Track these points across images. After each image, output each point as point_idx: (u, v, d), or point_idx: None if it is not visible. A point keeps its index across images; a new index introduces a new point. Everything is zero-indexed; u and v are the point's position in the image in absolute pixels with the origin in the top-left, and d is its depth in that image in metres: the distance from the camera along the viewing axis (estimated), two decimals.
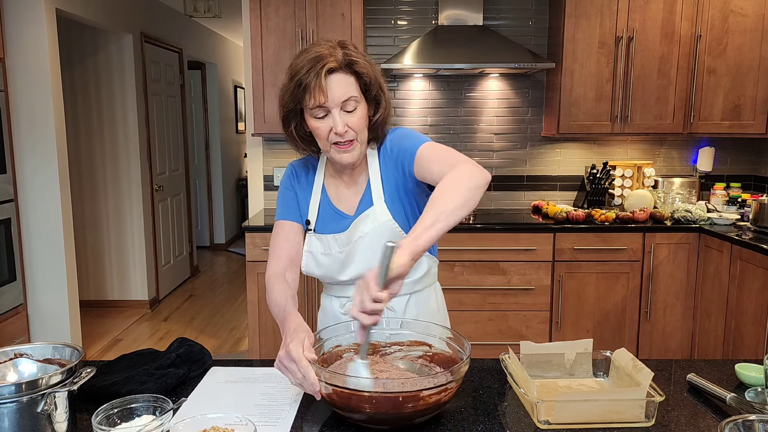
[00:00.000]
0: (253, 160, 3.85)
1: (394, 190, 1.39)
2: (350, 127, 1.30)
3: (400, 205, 1.39)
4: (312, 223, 1.44)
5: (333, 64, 1.25)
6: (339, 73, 1.27)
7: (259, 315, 3.26)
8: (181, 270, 5.72)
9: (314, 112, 1.29)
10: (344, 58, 1.27)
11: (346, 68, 1.27)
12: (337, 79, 1.26)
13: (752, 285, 2.81)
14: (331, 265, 1.42)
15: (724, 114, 3.43)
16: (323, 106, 1.27)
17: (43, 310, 3.66)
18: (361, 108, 1.31)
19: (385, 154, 1.41)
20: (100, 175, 4.81)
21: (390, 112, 1.38)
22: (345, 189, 1.44)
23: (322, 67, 1.24)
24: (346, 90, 1.27)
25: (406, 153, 1.35)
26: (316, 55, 1.25)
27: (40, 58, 3.46)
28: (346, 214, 1.42)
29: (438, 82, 3.78)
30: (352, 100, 1.28)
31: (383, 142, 1.41)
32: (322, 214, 1.44)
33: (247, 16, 3.53)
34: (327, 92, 1.25)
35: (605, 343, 3.28)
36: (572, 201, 3.87)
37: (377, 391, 1.06)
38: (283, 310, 1.32)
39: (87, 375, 1.09)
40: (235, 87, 7.76)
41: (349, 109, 1.29)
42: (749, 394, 1.20)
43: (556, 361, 1.34)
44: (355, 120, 1.30)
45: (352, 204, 1.43)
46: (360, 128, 1.32)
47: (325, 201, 1.45)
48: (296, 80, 1.27)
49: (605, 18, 3.37)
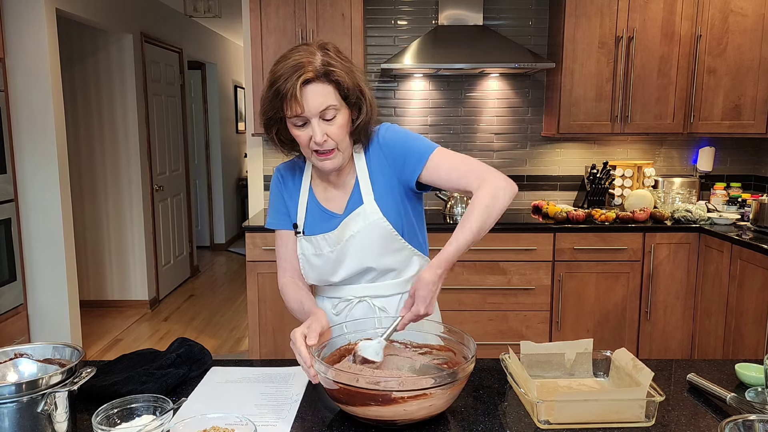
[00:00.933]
0: (253, 160, 3.85)
1: (384, 187, 1.39)
2: (329, 137, 1.29)
3: (391, 202, 1.39)
4: (300, 226, 1.44)
5: (310, 74, 1.23)
6: (316, 83, 1.24)
7: (259, 315, 3.26)
8: (181, 270, 5.72)
9: (294, 121, 1.29)
10: (322, 66, 1.24)
11: (323, 77, 1.24)
12: (315, 89, 1.24)
13: (752, 285, 2.81)
14: (324, 266, 1.42)
15: (724, 114, 3.43)
16: (301, 116, 1.27)
17: (43, 310, 3.66)
18: (341, 115, 1.29)
19: (376, 151, 1.40)
20: (100, 175, 4.81)
21: (373, 115, 1.36)
22: (333, 189, 1.43)
23: (298, 78, 1.22)
24: (324, 100, 1.26)
25: (411, 157, 1.35)
26: (294, 64, 1.24)
27: (40, 58, 3.46)
28: (335, 214, 1.42)
29: (438, 82, 3.78)
30: (331, 108, 1.27)
31: (371, 140, 1.40)
32: (310, 215, 1.44)
33: (247, 16, 3.53)
34: (303, 103, 1.24)
35: (605, 343, 3.28)
36: (572, 201, 3.87)
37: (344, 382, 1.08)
38: (303, 310, 1.38)
39: (87, 375, 1.09)
40: (235, 87, 7.76)
41: (328, 118, 1.27)
42: (749, 394, 1.20)
43: (557, 361, 1.34)
44: (334, 129, 1.29)
45: (340, 203, 1.42)
46: (340, 137, 1.30)
47: (312, 202, 1.44)
48: (274, 89, 1.26)
49: (605, 18, 3.37)
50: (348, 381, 1.07)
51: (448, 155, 1.35)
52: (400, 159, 1.37)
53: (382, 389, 1.05)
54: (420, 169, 1.34)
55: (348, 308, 1.44)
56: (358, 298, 1.44)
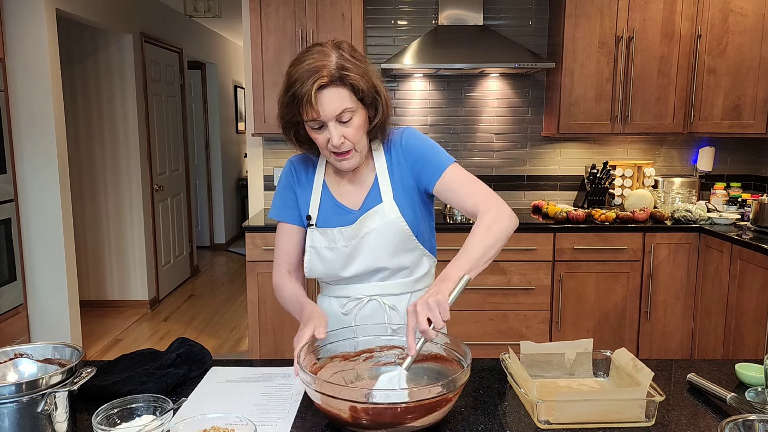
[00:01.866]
0: (253, 160, 3.85)
1: (403, 187, 1.40)
2: (347, 138, 1.30)
3: (409, 203, 1.40)
4: (313, 218, 1.44)
5: (324, 79, 1.23)
6: (331, 88, 1.25)
7: (259, 315, 3.26)
8: (181, 270, 5.72)
9: (311, 124, 1.30)
10: (337, 69, 1.24)
11: (338, 81, 1.25)
12: (330, 94, 1.25)
13: (752, 285, 2.81)
14: (336, 261, 1.42)
15: (724, 114, 3.43)
16: (318, 120, 1.28)
17: (43, 310, 3.66)
18: (357, 117, 1.30)
19: (396, 151, 1.41)
20: (100, 175, 4.81)
21: (389, 113, 1.37)
22: (348, 184, 1.44)
23: (313, 83, 1.23)
24: (339, 104, 1.26)
25: (430, 165, 1.38)
26: (309, 68, 1.24)
27: (40, 58, 3.46)
28: (350, 209, 1.42)
29: (438, 82, 3.78)
30: (347, 111, 1.27)
31: (391, 139, 1.41)
32: (324, 208, 1.44)
33: (247, 16, 3.53)
34: (319, 108, 1.25)
35: (605, 343, 3.28)
36: (572, 201, 3.87)
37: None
38: (296, 303, 1.38)
39: (87, 375, 1.09)
40: (235, 87, 7.76)
41: (344, 120, 1.28)
42: (749, 394, 1.20)
43: (557, 361, 1.34)
44: (351, 131, 1.30)
45: (356, 199, 1.42)
46: (357, 138, 1.31)
47: (326, 196, 1.45)
48: (290, 93, 1.26)
49: (605, 18, 3.37)
50: (333, 394, 1.04)
51: (463, 174, 1.38)
52: (418, 165, 1.39)
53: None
54: (435, 181, 1.37)
55: (358, 307, 1.44)
56: (369, 296, 1.44)
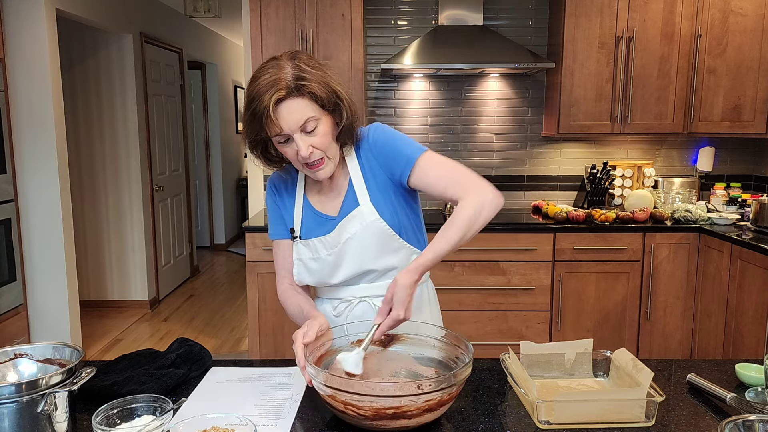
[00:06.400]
0: (253, 160, 3.84)
1: (378, 187, 1.38)
2: (315, 147, 1.28)
3: (386, 202, 1.38)
4: (296, 231, 1.44)
5: (282, 92, 1.21)
6: (290, 100, 1.22)
7: (259, 315, 3.26)
8: (181, 270, 5.72)
9: (277, 139, 1.28)
10: (293, 80, 1.22)
11: (296, 92, 1.22)
12: (289, 106, 1.23)
13: (752, 285, 2.81)
14: (322, 270, 1.42)
15: (724, 114, 3.43)
16: (282, 134, 1.26)
17: (43, 310, 3.66)
18: (322, 124, 1.28)
19: (365, 150, 1.39)
20: (100, 175, 4.81)
21: (355, 116, 1.34)
22: (326, 192, 1.43)
23: (270, 97, 1.21)
24: (301, 114, 1.24)
25: (401, 158, 1.35)
26: (265, 83, 1.22)
27: (40, 58, 3.46)
28: (330, 216, 1.41)
29: (438, 82, 3.78)
30: (311, 120, 1.25)
31: (361, 140, 1.39)
32: (306, 220, 1.44)
33: (247, 16, 3.53)
34: (281, 122, 1.23)
35: (605, 343, 3.28)
36: (572, 201, 3.87)
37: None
38: (302, 314, 1.38)
39: (87, 375, 1.09)
40: (235, 87, 7.76)
41: (309, 130, 1.26)
42: (749, 394, 1.20)
43: (556, 361, 1.34)
44: (318, 139, 1.27)
45: (334, 205, 1.42)
46: (326, 146, 1.29)
47: (307, 207, 1.44)
48: (251, 111, 1.24)
49: (605, 18, 3.37)
50: (339, 386, 1.06)
51: (437, 161, 1.34)
52: (389, 160, 1.36)
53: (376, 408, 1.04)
54: (408, 173, 1.34)
55: (348, 309, 1.44)
56: (359, 298, 1.43)
